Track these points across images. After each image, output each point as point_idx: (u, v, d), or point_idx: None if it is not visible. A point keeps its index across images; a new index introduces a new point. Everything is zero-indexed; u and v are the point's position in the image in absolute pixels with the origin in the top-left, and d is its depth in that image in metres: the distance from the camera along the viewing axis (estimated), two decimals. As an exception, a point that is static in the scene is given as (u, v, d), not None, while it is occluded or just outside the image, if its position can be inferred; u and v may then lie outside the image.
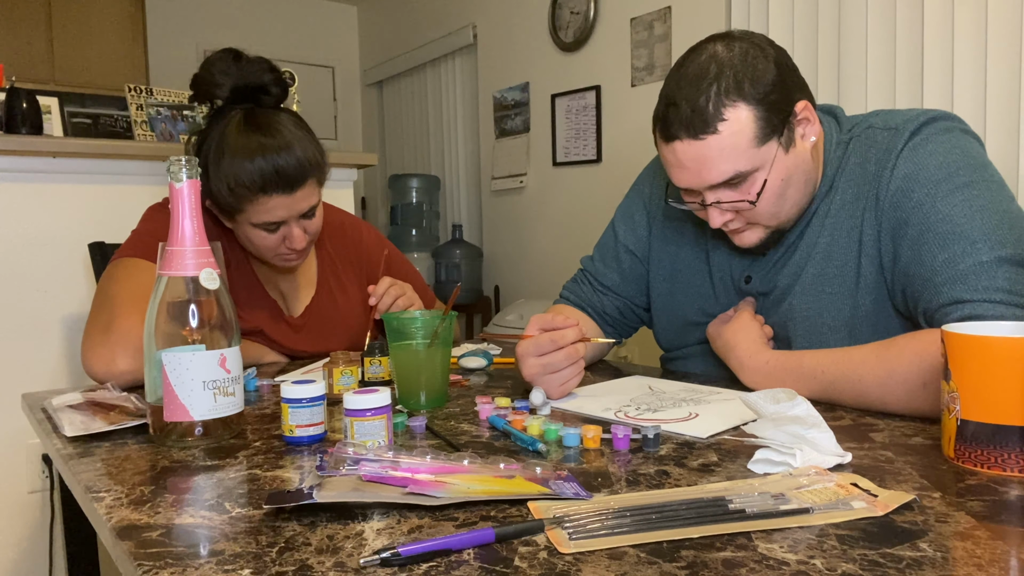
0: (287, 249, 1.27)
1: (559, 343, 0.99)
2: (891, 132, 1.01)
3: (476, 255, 4.05)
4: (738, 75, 0.94)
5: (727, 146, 0.95)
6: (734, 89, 0.94)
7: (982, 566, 0.50)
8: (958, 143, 0.97)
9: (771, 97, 0.95)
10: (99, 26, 4.12)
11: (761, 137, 0.96)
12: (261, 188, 1.18)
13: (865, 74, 2.38)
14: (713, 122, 0.94)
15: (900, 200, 0.97)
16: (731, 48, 0.97)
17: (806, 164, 1.02)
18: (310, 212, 1.26)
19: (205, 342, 0.83)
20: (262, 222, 1.23)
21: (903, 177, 0.97)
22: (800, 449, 0.70)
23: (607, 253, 1.29)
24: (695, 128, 0.95)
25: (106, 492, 0.69)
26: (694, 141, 0.95)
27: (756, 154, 0.96)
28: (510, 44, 3.87)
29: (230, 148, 1.19)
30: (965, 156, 0.96)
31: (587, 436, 0.80)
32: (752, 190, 0.98)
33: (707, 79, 0.95)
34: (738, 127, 0.94)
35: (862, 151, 1.04)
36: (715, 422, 0.87)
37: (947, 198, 0.93)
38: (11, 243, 1.76)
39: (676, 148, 0.97)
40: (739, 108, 0.94)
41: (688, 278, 1.19)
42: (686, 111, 0.95)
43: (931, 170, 0.95)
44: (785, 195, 1.00)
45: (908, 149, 0.98)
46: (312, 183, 1.24)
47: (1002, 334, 0.72)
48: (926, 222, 0.94)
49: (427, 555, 0.53)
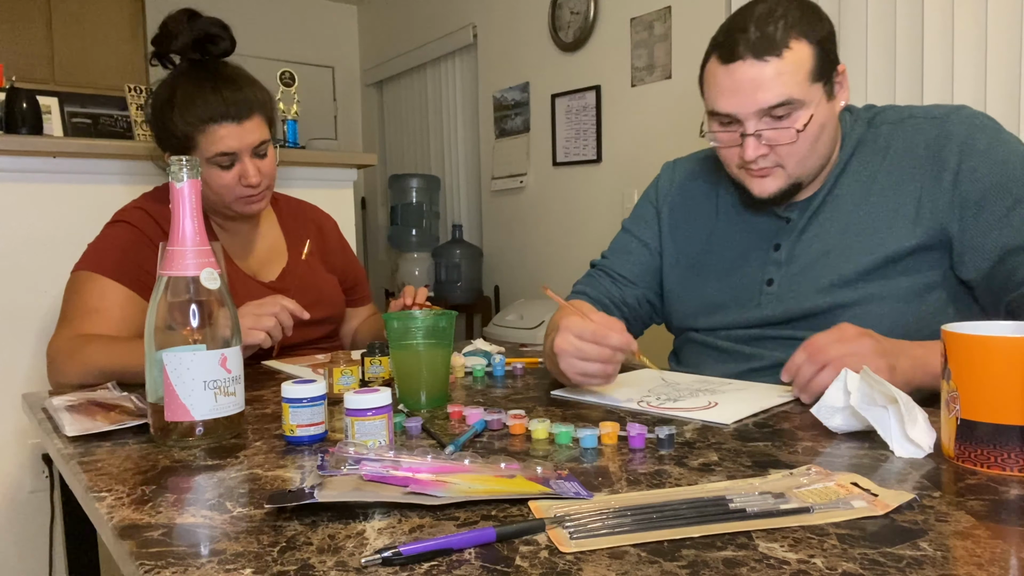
0: (244, 187, 1.36)
1: (607, 343, 0.96)
2: (937, 121, 1.10)
3: (476, 255, 4.05)
4: (804, 17, 1.05)
5: (787, 71, 1.02)
6: (800, 26, 1.03)
7: (982, 565, 0.50)
8: (1016, 140, 1.09)
9: (826, 44, 1.05)
10: (99, 26, 4.12)
11: (815, 75, 1.04)
12: (211, 117, 1.30)
13: (865, 74, 2.38)
14: (780, 47, 1.02)
15: (996, 195, 1.02)
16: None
17: (835, 123, 1.11)
18: (261, 149, 1.36)
19: (206, 342, 0.83)
20: (215, 153, 1.31)
21: (994, 174, 1.03)
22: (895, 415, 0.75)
23: (622, 249, 1.33)
24: (761, 50, 1.02)
25: (107, 492, 0.69)
26: (757, 62, 1.03)
27: (808, 88, 1.04)
28: (510, 44, 3.87)
29: (182, 88, 1.32)
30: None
31: (604, 433, 0.81)
32: (796, 125, 1.05)
33: (776, 14, 1.04)
34: (800, 57, 1.03)
35: (907, 136, 1.11)
36: (739, 407, 0.90)
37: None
38: (11, 243, 1.76)
39: (736, 69, 1.04)
40: (802, 43, 1.03)
41: (706, 262, 1.23)
42: (754, 34, 1.03)
43: (1018, 168, 1.03)
44: (819, 141, 1.07)
45: (985, 147, 1.05)
46: (259, 119, 1.36)
47: (1002, 334, 0.72)
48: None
49: (428, 554, 0.53)
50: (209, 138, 1.31)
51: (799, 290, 1.12)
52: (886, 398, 0.76)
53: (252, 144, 1.34)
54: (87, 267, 1.31)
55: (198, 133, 1.31)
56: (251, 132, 1.34)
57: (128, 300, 1.30)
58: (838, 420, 0.81)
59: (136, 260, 1.32)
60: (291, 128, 2.34)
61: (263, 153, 1.37)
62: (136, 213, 1.38)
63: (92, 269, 1.31)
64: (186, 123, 1.30)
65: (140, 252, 1.33)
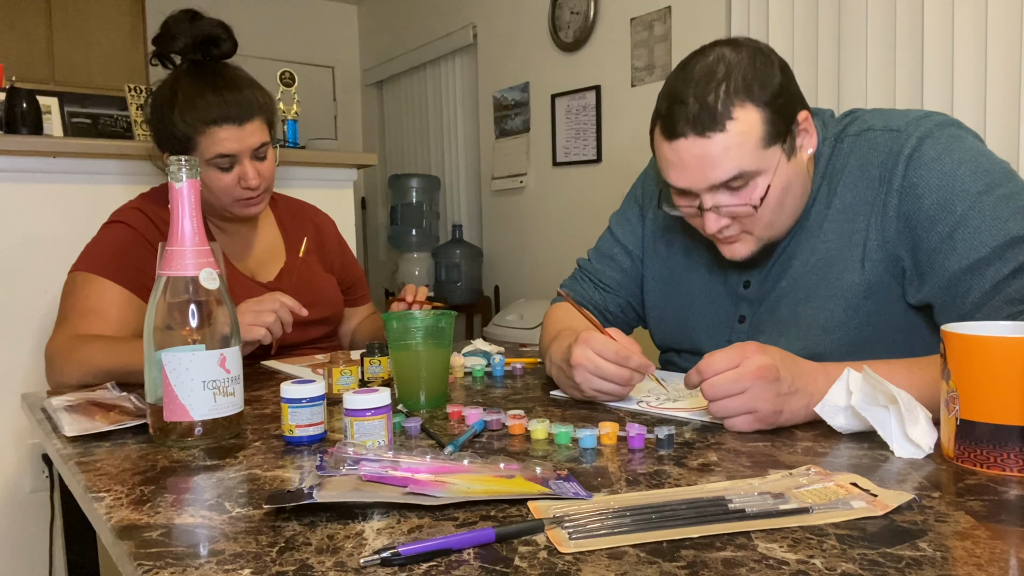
0: (243, 189, 1.36)
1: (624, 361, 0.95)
2: (893, 134, 1.00)
3: (476, 255, 4.05)
4: (747, 76, 0.93)
5: (733, 145, 0.93)
6: (743, 89, 0.93)
7: (982, 566, 0.50)
8: (980, 149, 0.97)
9: (778, 102, 0.94)
10: (99, 26, 4.12)
11: (767, 140, 0.94)
12: (212, 119, 1.29)
13: (865, 74, 2.38)
14: (722, 120, 0.92)
15: (937, 214, 0.93)
16: (738, 51, 0.95)
17: (803, 175, 1.01)
18: (261, 152, 1.36)
19: (205, 342, 0.83)
20: (215, 155, 1.31)
21: (937, 188, 0.93)
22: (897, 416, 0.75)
23: (606, 254, 1.29)
24: (702, 125, 0.93)
25: (106, 492, 0.69)
26: (700, 139, 0.93)
27: (761, 156, 0.95)
28: (510, 44, 3.87)
29: (183, 89, 1.32)
30: (992, 162, 0.95)
31: (603, 434, 0.81)
32: (754, 195, 0.96)
33: (716, 78, 0.93)
34: (746, 127, 0.93)
35: (862, 153, 1.02)
36: None
37: (995, 208, 0.91)
38: (11, 243, 1.76)
39: (680, 146, 0.95)
40: (748, 108, 0.93)
41: (682, 281, 1.19)
42: (693, 108, 0.93)
43: (966, 180, 0.92)
44: (784, 204, 0.99)
45: (931, 159, 0.95)
46: (260, 121, 1.36)
47: (1002, 334, 0.72)
48: (978, 235, 0.91)
49: (427, 555, 0.53)
50: (209, 140, 1.31)
51: (769, 333, 1.06)
52: (887, 398, 0.76)
53: (252, 147, 1.34)
54: (84, 268, 1.31)
55: (198, 134, 1.30)
56: (252, 135, 1.34)
57: (125, 301, 1.30)
58: (841, 420, 0.81)
59: (133, 261, 1.32)
60: (291, 128, 2.34)
61: (263, 155, 1.37)
62: (133, 214, 1.38)
63: (89, 270, 1.31)
64: (186, 124, 1.30)
65: (137, 253, 1.33)
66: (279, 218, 1.58)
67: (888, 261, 0.98)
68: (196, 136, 1.31)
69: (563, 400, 1.02)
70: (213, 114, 1.30)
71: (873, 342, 1.00)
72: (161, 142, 1.37)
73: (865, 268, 0.99)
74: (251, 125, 1.33)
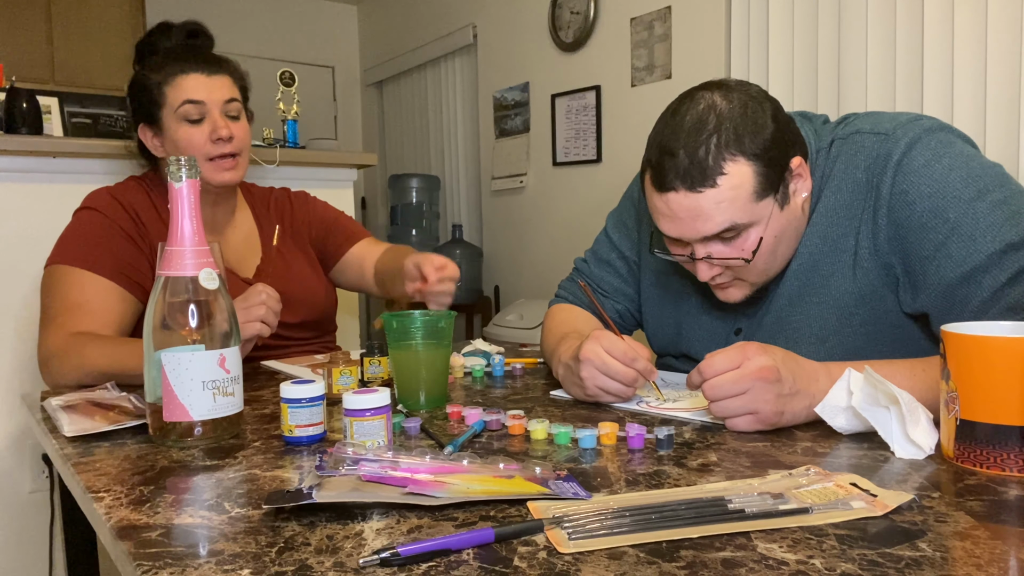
0: (215, 145, 1.34)
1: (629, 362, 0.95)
2: (880, 138, 0.98)
3: (476, 255, 4.05)
4: (738, 128, 0.91)
5: (725, 199, 0.91)
6: (734, 142, 0.91)
7: (981, 566, 0.50)
8: (971, 154, 0.95)
9: (770, 153, 0.92)
10: (99, 26, 4.12)
11: (759, 193, 0.93)
12: (180, 69, 1.33)
13: (865, 75, 2.37)
14: (712, 175, 0.91)
15: (929, 221, 0.92)
16: (730, 100, 0.93)
17: (797, 220, 1.00)
18: (232, 109, 1.37)
19: (204, 342, 0.83)
20: (183, 101, 1.32)
21: (928, 195, 0.92)
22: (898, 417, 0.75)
23: (604, 259, 1.28)
24: (693, 180, 0.91)
25: (105, 492, 0.69)
26: (691, 193, 0.92)
27: (754, 209, 0.93)
28: (510, 44, 3.87)
29: (157, 55, 1.37)
30: (984, 167, 0.93)
31: (603, 434, 0.81)
32: (746, 246, 0.95)
33: (706, 130, 0.91)
34: (737, 181, 0.91)
35: (849, 157, 1.00)
36: None
37: (988, 214, 0.89)
38: (11, 243, 1.75)
39: (670, 199, 0.94)
40: (739, 163, 0.91)
41: (678, 288, 1.18)
42: (684, 162, 0.91)
43: (958, 186, 0.91)
44: (777, 252, 0.99)
45: (921, 165, 0.93)
46: (229, 80, 1.38)
47: (1002, 334, 0.72)
48: (972, 242, 0.89)
49: (427, 555, 0.53)
50: (176, 89, 1.33)
51: (767, 342, 1.06)
52: (888, 398, 0.76)
53: (222, 99, 1.35)
54: (61, 260, 1.29)
55: (166, 85, 1.33)
56: (220, 87, 1.35)
57: (106, 290, 1.27)
58: (842, 420, 0.81)
59: (108, 247, 1.30)
60: (291, 128, 2.34)
61: (235, 115, 1.38)
62: (103, 199, 1.36)
63: (66, 262, 1.28)
64: (155, 73, 1.34)
65: (111, 239, 1.31)
66: (253, 207, 1.56)
67: (880, 270, 0.98)
68: (164, 87, 1.33)
69: (563, 400, 1.02)
70: (180, 65, 1.34)
71: (869, 351, 0.99)
72: (136, 110, 1.39)
73: (857, 276, 0.99)
74: (219, 79, 1.36)
